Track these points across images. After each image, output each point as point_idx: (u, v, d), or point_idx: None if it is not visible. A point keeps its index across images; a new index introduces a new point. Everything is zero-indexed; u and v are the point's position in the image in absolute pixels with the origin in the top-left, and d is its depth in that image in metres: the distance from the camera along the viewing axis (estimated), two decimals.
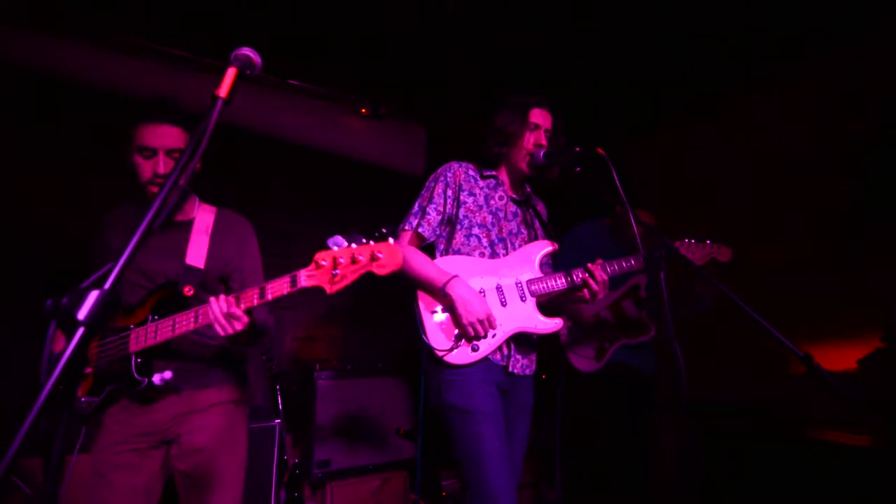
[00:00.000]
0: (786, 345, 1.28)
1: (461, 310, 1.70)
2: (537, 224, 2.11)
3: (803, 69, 3.14)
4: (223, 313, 1.48)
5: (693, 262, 1.78)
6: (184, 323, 1.57)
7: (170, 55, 3.12)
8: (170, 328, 1.59)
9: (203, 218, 1.84)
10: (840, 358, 2.80)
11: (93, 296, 0.73)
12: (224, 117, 0.92)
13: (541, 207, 2.19)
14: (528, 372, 1.92)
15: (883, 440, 2.44)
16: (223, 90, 0.89)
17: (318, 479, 2.96)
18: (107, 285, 0.75)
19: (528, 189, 2.10)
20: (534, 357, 1.96)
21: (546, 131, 1.97)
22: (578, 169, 1.84)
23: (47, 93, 2.93)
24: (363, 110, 3.80)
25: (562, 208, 3.99)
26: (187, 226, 1.81)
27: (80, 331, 0.72)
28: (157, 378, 1.60)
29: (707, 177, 3.57)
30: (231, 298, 1.51)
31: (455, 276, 1.74)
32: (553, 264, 2.80)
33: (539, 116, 1.97)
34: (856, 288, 2.79)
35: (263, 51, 1.02)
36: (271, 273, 2.45)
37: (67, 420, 0.82)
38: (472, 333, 1.71)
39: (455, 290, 1.71)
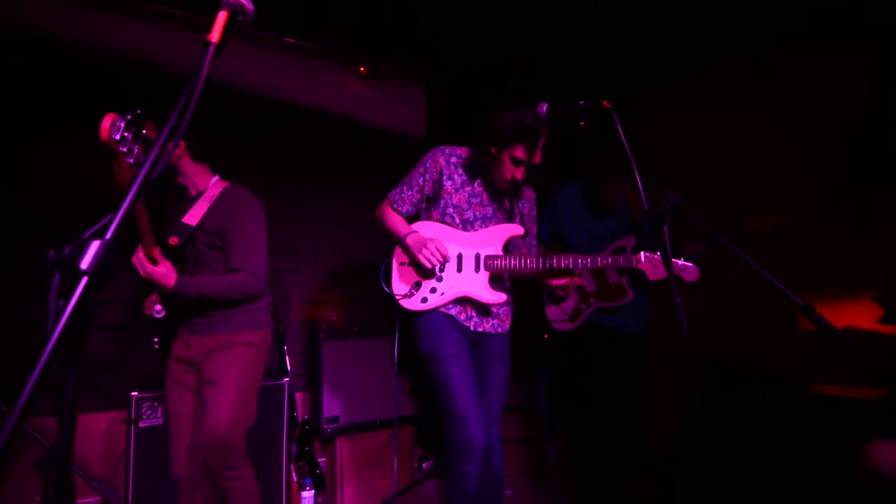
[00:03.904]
0: (787, 295, 1.29)
1: (414, 250, 2.10)
2: (516, 211, 2.30)
3: (804, 36, 2.99)
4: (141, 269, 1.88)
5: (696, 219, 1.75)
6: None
7: (167, 14, 3.02)
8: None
9: (213, 189, 2.19)
10: (842, 318, 2.79)
11: (95, 245, 0.73)
12: (218, 77, 0.90)
13: (528, 195, 2.34)
14: (499, 330, 2.24)
15: (885, 393, 2.46)
16: (215, 35, 0.87)
17: (328, 435, 3.06)
18: (108, 235, 0.76)
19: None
20: (503, 319, 2.26)
21: (527, 163, 2.10)
22: (583, 123, 1.80)
23: (39, 57, 2.86)
24: (362, 69, 3.71)
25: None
26: (199, 195, 2.18)
27: (84, 280, 0.73)
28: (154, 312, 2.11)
29: (708, 143, 3.47)
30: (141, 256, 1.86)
31: (415, 231, 2.17)
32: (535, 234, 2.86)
33: (522, 152, 2.07)
34: (859, 250, 2.75)
35: (260, 7, 0.99)
36: (274, 236, 2.45)
37: (77, 371, 0.83)
38: (428, 264, 2.08)
39: (411, 238, 2.14)
